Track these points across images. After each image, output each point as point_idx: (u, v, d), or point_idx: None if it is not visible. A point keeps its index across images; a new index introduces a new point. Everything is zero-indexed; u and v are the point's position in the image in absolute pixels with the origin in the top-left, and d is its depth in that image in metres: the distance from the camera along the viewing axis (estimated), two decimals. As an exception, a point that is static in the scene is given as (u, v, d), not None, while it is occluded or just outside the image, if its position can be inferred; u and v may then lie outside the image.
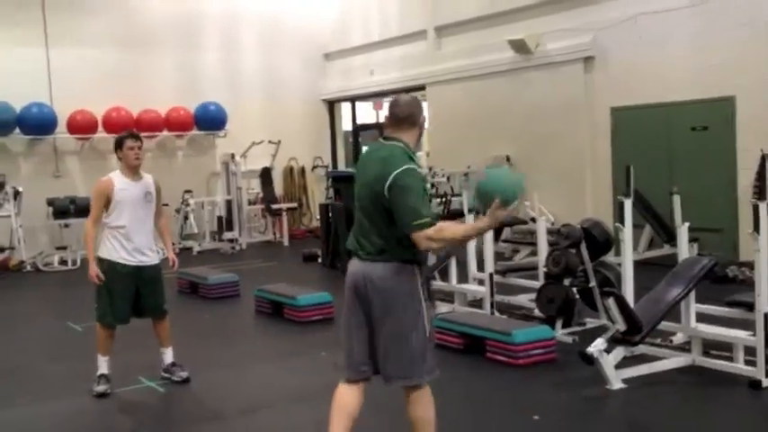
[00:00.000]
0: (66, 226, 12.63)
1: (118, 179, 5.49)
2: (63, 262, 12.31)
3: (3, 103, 12.51)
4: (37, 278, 11.64)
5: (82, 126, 13.21)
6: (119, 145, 5.53)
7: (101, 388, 5.45)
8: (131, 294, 5.52)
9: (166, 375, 5.73)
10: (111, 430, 5.00)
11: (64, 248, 12.36)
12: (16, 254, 12.21)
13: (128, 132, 5.67)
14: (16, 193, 12.20)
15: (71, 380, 5.88)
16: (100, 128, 13.26)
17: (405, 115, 3.63)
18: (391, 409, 4.12)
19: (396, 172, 3.43)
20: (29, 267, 12.09)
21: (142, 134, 5.38)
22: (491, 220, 3.40)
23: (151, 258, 5.55)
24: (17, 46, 12.85)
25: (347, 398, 3.67)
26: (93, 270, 5.37)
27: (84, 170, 13.43)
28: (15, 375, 6.21)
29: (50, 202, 12.70)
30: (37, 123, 12.86)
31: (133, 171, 5.52)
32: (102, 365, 5.53)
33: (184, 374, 5.70)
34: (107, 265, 5.41)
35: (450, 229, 3.46)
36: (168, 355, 5.76)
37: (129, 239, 5.43)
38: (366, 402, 3.70)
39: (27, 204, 12.40)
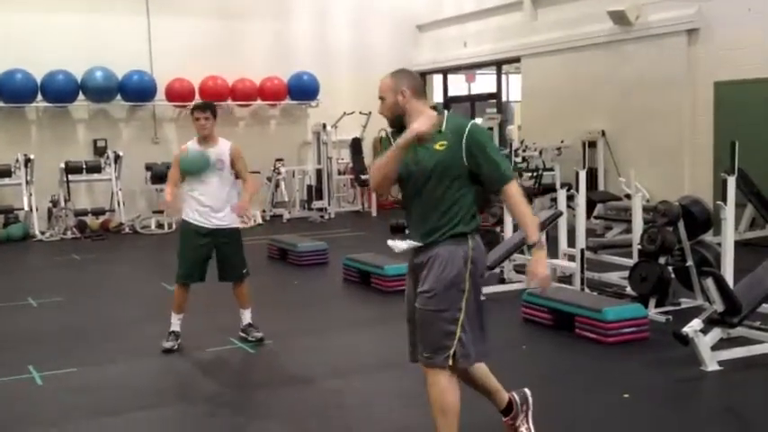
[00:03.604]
0: (163, 191, 13.00)
1: (192, 147, 5.65)
2: (159, 225, 12.73)
3: (106, 71, 12.93)
4: (134, 240, 12.07)
5: (179, 94, 13.59)
6: (191, 114, 5.71)
7: (168, 344, 5.68)
8: (203, 256, 5.62)
9: (243, 335, 5.90)
10: (200, 387, 5.12)
11: (160, 212, 12.74)
12: (116, 216, 12.68)
13: (197, 103, 5.75)
14: (117, 158, 12.65)
15: (162, 339, 6.06)
16: (197, 96, 13.57)
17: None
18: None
19: None
20: (127, 229, 12.54)
21: (236, 102, 5.46)
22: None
23: (224, 222, 5.62)
24: (120, 15, 13.26)
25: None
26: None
27: (180, 137, 13.72)
28: (113, 333, 6.47)
29: (149, 168, 13.11)
30: (137, 91, 13.30)
31: (204, 139, 5.63)
32: (175, 323, 5.74)
33: (259, 335, 5.85)
34: (184, 226, 5.66)
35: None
36: (246, 317, 5.91)
37: (202, 203, 5.56)
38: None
39: (126, 169, 12.85)
